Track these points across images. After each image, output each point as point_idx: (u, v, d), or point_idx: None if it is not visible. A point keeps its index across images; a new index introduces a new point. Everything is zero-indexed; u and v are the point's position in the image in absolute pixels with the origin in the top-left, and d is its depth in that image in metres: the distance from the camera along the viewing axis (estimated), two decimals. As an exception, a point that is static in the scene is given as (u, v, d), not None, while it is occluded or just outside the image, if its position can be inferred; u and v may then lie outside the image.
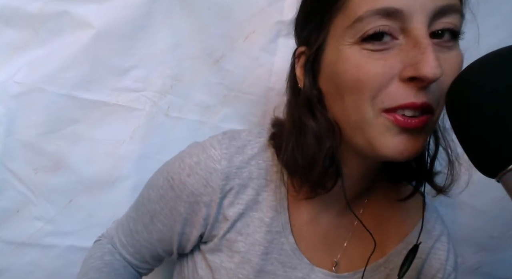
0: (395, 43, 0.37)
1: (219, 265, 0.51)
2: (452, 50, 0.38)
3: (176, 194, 0.50)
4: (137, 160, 0.69)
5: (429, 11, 0.36)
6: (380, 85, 0.37)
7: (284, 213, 0.50)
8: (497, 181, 0.32)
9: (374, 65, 0.37)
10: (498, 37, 0.65)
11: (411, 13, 0.36)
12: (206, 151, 0.50)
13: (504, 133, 0.30)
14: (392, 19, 0.36)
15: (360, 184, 0.50)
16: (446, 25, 0.37)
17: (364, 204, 0.54)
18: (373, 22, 0.36)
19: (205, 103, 0.71)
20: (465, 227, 0.71)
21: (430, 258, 0.54)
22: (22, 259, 0.68)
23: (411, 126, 0.37)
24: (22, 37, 0.63)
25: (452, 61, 0.37)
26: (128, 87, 0.67)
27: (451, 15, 0.37)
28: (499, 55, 0.32)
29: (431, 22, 0.36)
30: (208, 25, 0.67)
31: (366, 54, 0.38)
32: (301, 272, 0.51)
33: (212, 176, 0.48)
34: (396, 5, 0.35)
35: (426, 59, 0.35)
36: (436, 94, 0.37)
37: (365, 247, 0.52)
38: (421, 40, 0.35)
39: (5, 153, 0.64)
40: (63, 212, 0.68)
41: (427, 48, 0.35)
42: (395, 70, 0.37)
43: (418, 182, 0.50)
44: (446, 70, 0.36)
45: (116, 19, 0.64)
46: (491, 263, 0.72)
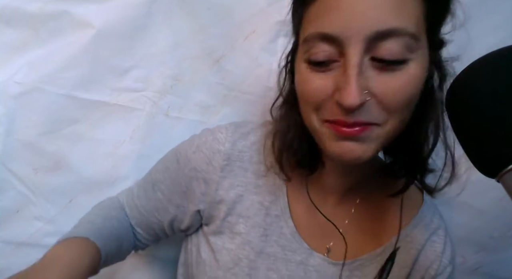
0: (336, 65, 0.40)
1: (221, 247, 0.53)
2: (396, 71, 0.38)
3: (180, 167, 0.54)
4: (137, 160, 0.69)
5: (364, 37, 0.37)
6: (319, 101, 0.41)
7: (283, 198, 0.53)
8: (497, 181, 0.32)
9: (315, 83, 0.41)
10: (498, 37, 0.65)
11: (346, 40, 0.37)
12: (213, 134, 0.54)
13: (503, 134, 0.30)
14: (331, 43, 0.38)
15: (350, 176, 0.52)
16: (384, 54, 0.37)
17: (359, 196, 0.55)
18: (315, 46, 0.39)
19: (205, 103, 0.71)
20: (465, 227, 0.71)
21: (425, 249, 0.55)
22: (22, 259, 0.68)
23: (349, 135, 0.40)
24: (22, 37, 0.63)
25: (393, 83, 0.38)
26: (128, 87, 0.67)
27: (391, 39, 0.37)
28: (499, 55, 0.32)
29: (369, 47, 0.37)
30: (208, 25, 0.67)
31: (311, 72, 0.41)
32: (300, 256, 0.53)
33: (215, 156, 0.52)
34: (332, 32, 0.38)
35: (347, 89, 0.37)
36: (373, 114, 0.39)
37: (361, 236, 0.54)
38: (348, 70, 0.38)
39: (5, 153, 0.64)
40: (63, 212, 0.68)
41: (350, 79, 0.37)
42: (330, 91, 0.40)
43: (409, 179, 0.51)
44: (384, 93, 0.38)
45: (116, 19, 0.64)
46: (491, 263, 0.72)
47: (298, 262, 0.53)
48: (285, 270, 0.52)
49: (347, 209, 0.55)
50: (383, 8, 0.36)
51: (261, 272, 0.52)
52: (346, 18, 0.37)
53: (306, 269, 0.53)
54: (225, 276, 0.52)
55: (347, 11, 0.37)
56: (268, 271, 0.52)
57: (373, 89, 0.38)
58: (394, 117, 0.40)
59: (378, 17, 0.36)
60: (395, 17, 0.36)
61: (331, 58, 0.39)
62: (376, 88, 0.38)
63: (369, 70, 0.38)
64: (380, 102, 0.39)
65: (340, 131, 0.40)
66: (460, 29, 0.45)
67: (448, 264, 0.55)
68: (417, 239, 0.54)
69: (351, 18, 0.37)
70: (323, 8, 0.39)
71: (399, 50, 0.37)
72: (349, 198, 0.54)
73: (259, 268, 0.52)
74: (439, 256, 0.55)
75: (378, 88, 0.38)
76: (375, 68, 0.38)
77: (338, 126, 0.40)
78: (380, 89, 0.38)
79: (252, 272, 0.52)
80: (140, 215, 0.58)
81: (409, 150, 0.48)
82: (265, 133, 0.54)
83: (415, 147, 0.47)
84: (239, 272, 0.52)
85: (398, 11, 0.36)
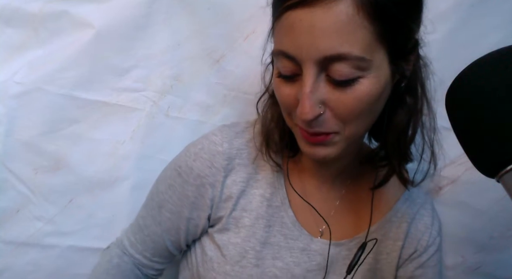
0: (299, 77, 0.43)
1: (227, 242, 0.54)
2: (347, 88, 0.42)
3: (184, 179, 0.54)
4: (137, 160, 0.69)
5: (314, 60, 0.40)
6: (289, 107, 0.46)
7: (282, 189, 0.56)
8: (497, 181, 0.32)
9: (284, 91, 0.45)
10: (498, 37, 0.65)
11: (300, 60, 0.41)
12: (208, 138, 0.56)
13: (503, 134, 0.30)
14: (290, 60, 0.42)
15: (333, 166, 0.56)
16: (335, 75, 0.41)
17: (349, 180, 0.59)
18: (280, 61, 0.44)
19: (205, 103, 0.71)
20: (465, 227, 0.71)
21: (415, 222, 0.59)
22: (22, 259, 0.68)
23: (312, 141, 0.46)
24: (22, 37, 0.63)
25: (344, 98, 0.42)
26: (128, 87, 0.67)
27: (340, 62, 0.40)
28: (499, 55, 0.32)
29: (324, 67, 0.41)
30: (208, 25, 0.67)
31: (280, 81, 0.46)
32: (302, 242, 0.55)
33: (215, 158, 0.54)
34: (289, 52, 0.42)
35: (301, 105, 0.42)
36: (330, 124, 0.44)
37: (356, 216, 0.58)
38: (303, 88, 0.42)
39: (5, 153, 0.64)
40: (63, 212, 0.68)
41: (303, 96, 0.42)
42: (295, 100, 0.44)
43: (389, 171, 0.54)
44: (338, 106, 0.43)
45: (116, 19, 0.64)
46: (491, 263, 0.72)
47: (301, 249, 0.55)
48: (289, 257, 0.55)
49: (339, 192, 0.59)
50: (328, 37, 0.39)
51: (267, 261, 0.54)
52: (298, 44, 0.41)
53: (309, 254, 0.55)
54: (233, 269, 0.53)
55: (299, 37, 0.40)
56: (274, 260, 0.54)
57: (328, 103, 0.43)
58: (349, 126, 0.45)
59: (323, 45, 0.39)
60: (340, 44, 0.39)
61: (295, 73, 0.43)
62: (330, 102, 0.43)
63: (325, 86, 0.42)
64: (335, 114, 0.43)
65: (306, 137, 0.46)
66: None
67: (437, 235, 0.59)
68: (407, 213, 0.59)
69: (303, 43, 0.40)
70: (282, 29, 0.42)
71: (348, 71, 0.40)
72: (340, 182, 0.58)
73: (265, 258, 0.54)
74: (428, 228, 0.59)
75: (332, 103, 0.43)
76: (330, 84, 0.42)
77: (305, 132, 0.46)
78: (333, 103, 0.43)
79: (259, 262, 0.54)
80: (153, 243, 0.58)
81: (389, 144, 0.52)
82: (258, 129, 0.56)
83: (394, 141, 0.51)
84: (247, 264, 0.53)
85: (343, 39, 0.39)
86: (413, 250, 0.58)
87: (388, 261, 0.58)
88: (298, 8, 0.40)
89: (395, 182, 0.56)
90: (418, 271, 0.58)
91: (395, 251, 0.58)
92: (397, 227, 0.58)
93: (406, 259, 0.58)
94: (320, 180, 0.58)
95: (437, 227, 0.60)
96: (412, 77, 0.48)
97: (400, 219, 0.58)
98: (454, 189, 0.70)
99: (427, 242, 0.58)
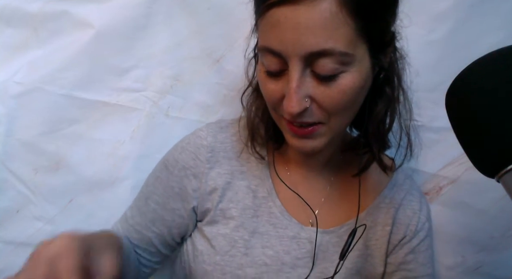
0: (285, 73, 0.45)
1: (216, 234, 0.55)
2: (331, 82, 0.43)
3: (169, 171, 0.57)
4: (137, 160, 0.69)
5: (300, 56, 0.42)
6: (274, 102, 0.47)
7: (268, 180, 0.58)
8: (497, 181, 0.32)
9: (269, 86, 0.46)
10: (498, 37, 0.65)
11: (286, 56, 0.42)
12: (195, 133, 0.59)
13: (503, 133, 0.30)
14: (276, 56, 0.43)
15: (318, 156, 0.58)
16: (320, 71, 0.42)
17: (336, 167, 0.60)
18: (266, 57, 0.45)
19: (205, 103, 0.71)
20: (465, 227, 0.71)
21: (403, 208, 0.60)
22: (22, 259, 0.67)
23: (300, 134, 0.47)
24: (22, 37, 0.63)
25: (329, 92, 0.44)
26: (128, 87, 0.67)
27: (325, 58, 0.41)
28: (499, 55, 0.32)
29: (309, 62, 0.42)
30: (208, 25, 0.67)
31: (266, 77, 0.47)
32: (292, 231, 0.56)
33: (200, 150, 0.56)
34: (275, 48, 0.43)
35: (287, 98, 0.44)
36: (317, 114, 0.46)
37: (345, 203, 0.59)
38: (289, 83, 0.43)
39: (5, 153, 0.64)
40: (63, 212, 0.68)
41: (290, 91, 0.43)
42: (281, 95, 0.46)
43: (369, 158, 0.56)
44: (323, 99, 0.44)
45: (116, 19, 0.64)
46: (491, 263, 0.72)
47: (291, 237, 0.56)
48: (279, 246, 0.55)
49: (327, 180, 0.60)
50: (313, 34, 0.40)
51: (256, 250, 0.55)
52: (284, 38, 0.41)
53: (299, 242, 0.56)
54: (223, 259, 0.54)
55: (285, 33, 0.41)
56: (264, 249, 0.55)
57: (314, 96, 0.44)
58: (334, 117, 0.47)
59: (309, 41, 0.41)
60: (325, 40, 0.41)
61: (281, 68, 0.44)
62: (315, 95, 0.44)
63: (310, 80, 0.44)
64: (320, 107, 0.45)
65: (294, 131, 0.47)
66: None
67: (425, 221, 0.61)
68: (394, 199, 0.60)
69: (288, 39, 0.41)
70: (267, 25, 0.43)
71: (332, 66, 0.42)
72: (327, 171, 0.60)
73: (254, 247, 0.55)
74: (416, 213, 0.60)
75: (317, 96, 0.44)
76: (315, 79, 0.44)
77: (292, 126, 0.47)
78: (319, 97, 0.44)
79: (248, 251, 0.54)
80: (137, 233, 0.58)
81: (369, 132, 0.54)
82: (242, 124, 0.58)
83: (373, 128, 0.53)
84: (236, 253, 0.54)
85: (326, 35, 0.40)
86: (402, 236, 0.59)
87: (378, 247, 0.59)
88: (282, 6, 0.41)
89: (381, 170, 0.58)
90: (409, 257, 0.59)
91: (384, 236, 0.59)
92: (385, 213, 0.59)
93: (396, 245, 0.59)
94: (307, 170, 0.59)
95: (426, 212, 0.61)
96: (389, 68, 0.51)
97: (388, 205, 0.60)
98: (454, 189, 0.70)
99: (416, 227, 0.59)
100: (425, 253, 0.60)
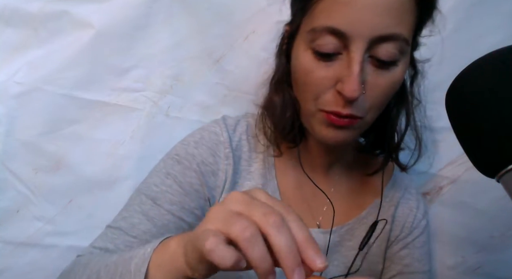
0: (339, 57, 0.43)
1: None
2: (388, 71, 0.43)
3: (185, 166, 0.52)
4: (137, 160, 0.69)
5: (367, 38, 0.41)
6: (320, 91, 0.45)
7: (273, 180, 0.57)
8: (497, 181, 0.32)
9: (318, 73, 0.44)
10: (498, 37, 0.65)
11: (351, 37, 0.41)
12: (207, 129, 0.56)
13: (503, 134, 0.30)
14: (338, 37, 0.42)
15: (332, 153, 0.57)
16: (382, 55, 0.42)
17: (342, 169, 0.60)
18: (322, 37, 0.43)
19: (205, 103, 0.71)
20: (465, 227, 0.71)
21: (401, 206, 0.61)
22: (22, 259, 0.68)
23: (338, 124, 0.46)
24: (22, 37, 0.63)
25: (382, 82, 0.44)
26: (128, 87, 0.67)
27: (389, 43, 0.41)
28: (499, 55, 0.32)
29: (371, 47, 0.42)
30: (208, 25, 0.67)
31: (314, 61, 0.44)
32: None
33: (218, 147, 0.54)
34: (340, 27, 0.41)
35: (349, 81, 0.42)
36: (363, 106, 0.45)
37: (347, 203, 0.59)
38: (352, 64, 0.42)
39: (5, 153, 0.64)
40: (63, 212, 0.68)
41: (354, 73, 0.41)
42: (332, 81, 0.44)
43: (386, 158, 0.56)
44: (374, 88, 0.44)
45: (116, 19, 0.64)
46: (491, 263, 0.72)
47: None
48: None
49: (332, 180, 0.60)
50: (387, 15, 0.40)
51: None
52: (355, 18, 0.40)
53: None
54: None
55: (357, 13, 0.40)
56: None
57: (367, 84, 0.43)
58: (373, 111, 0.46)
59: (382, 23, 0.40)
60: (396, 24, 0.40)
61: (336, 51, 0.43)
62: (369, 83, 0.43)
63: (367, 67, 0.43)
64: (369, 96, 0.44)
65: (333, 121, 0.45)
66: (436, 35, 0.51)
67: (422, 218, 0.61)
68: (394, 197, 0.61)
69: (360, 19, 0.40)
70: (335, 3, 0.41)
71: (394, 52, 0.42)
72: (333, 170, 0.60)
73: None
74: (413, 210, 0.61)
75: (370, 85, 0.43)
76: (372, 65, 0.43)
77: (332, 116, 0.45)
78: (371, 85, 0.43)
79: None
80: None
81: (386, 134, 0.54)
82: (249, 122, 0.58)
83: (391, 131, 0.54)
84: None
85: (399, 19, 0.40)
86: (398, 232, 0.60)
87: (378, 245, 0.59)
88: None
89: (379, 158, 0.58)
90: (403, 252, 0.60)
91: (384, 234, 0.59)
92: (386, 211, 0.60)
93: (392, 241, 0.61)
94: (315, 169, 0.58)
95: (422, 210, 0.62)
96: (417, 70, 0.52)
97: (388, 203, 0.60)
98: (454, 189, 0.70)
99: (412, 224, 0.60)
100: (421, 250, 0.61)
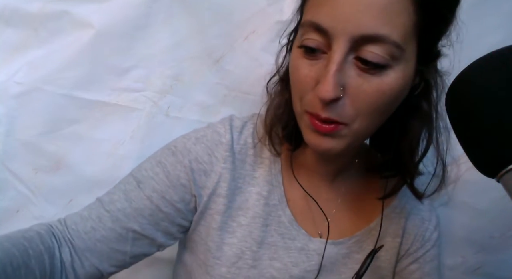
0: (323, 56, 0.41)
1: (221, 242, 0.52)
2: (375, 77, 0.40)
3: (178, 159, 0.51)
4: (137, 160, 0.69)
5: (348, 36, 0.38)
6: (303, 90, 0.43)
7: (279, 187, 0.54)
8: (497, 181, 0.32)
9: (302, 71, 0.43)
10: (498, 37, 0.65)
11: (333, 35, 0.39)
12: (212, 128, 0.54)
13: (503, 133, 0.30)
14: (322, 34, 0.40)
15: (334, 163, 0.55)
16: (367, 56, 0.39)
17: (348, 180, 0.58)
18: (308, 33, 0.41)
19: (205, 103, 0.71)
20: (465, 227, 0.71)
21: (412, 217, 0.58)
22: (22, 259, 0.68)
23: (320, 130, 0.43)
24: (22, 37, 0.63)
25: (367, 87, 0.40)
26: (128, 87, 0.67)
27: (376, 45, 0.38)
28: (499, 55, 0.32)
29: (355, 47, 0.39)
30: (208, 25, 0.67)
31: (301, 58, 0.43)
32: (300, 242, 0.54)
33: (218, 147, 0.52)
34: (323, 24, 0.39)
35: (324, 81, 0.39)
36: (345, 111, 0.41)
37: (354, 215, 0.57)
38: (329, 65, 0.39)
39: (5, 153, 0.64)
40: (63, 212, 0.68)
41: (328, 73, 0.39)
42: (314, 81, 0.42)
43: (399, 182, 0.53)
44: (358, 93, 0.40)
45: (116, 19, 0.64)
46: (491, 263, 0.72)
47: (299, 248, 0.54)
48: (287, 258, 0.53)
49: (339, 190, 0.57)
50: (372, 14, 0.37)
51: (264, 262, 0.52)
52: (337, 16, 0.38)
53: (308, 254, 0.54)
54: (229, 272, 0.51)
55: (339, 9, 0.38)
56: (271, 261, 0.53)
57: (348, 89, 0.40)
58: (361, 119, 0.42)
59: (365, 21, 0.37)
60: (381, 24, 0.37)
61: (321, 48, 0.41)
62: (351, 88, 0.40)
63: (350, 69, 0.40)
64: (352, 103, 0.41)
65: (315, 126, 0.43)
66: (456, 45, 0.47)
67: (434, 230, 0.58)
68: (405, 209, 0.58)
69: (342, 17, 0.38)
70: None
71: (381, 56, 0.39)
72: (338, 182, 0.57)
73: (262, 258, 0.52)
74: (425, 223, 0.58)
75: (352, 89, 0.40)
76: (357, 68, 0.40)
77: (314, 120, 0.43)
78: (354, 90, 0.40)
79: (256, 263, 0.52)
80: (113, 222, 0.49)
81: (402, 154, 0.50)
82: (255, 125, 0.56)
83: (407, 152, 0.50)
84: (243, 265, 0.52)
85: (385, 19, 0.37)
86: (409, 246, 0.58)
87: (387, 258, 0.57)
88: None
89: (392, 179, 0.55)
90: (413, 266, 0.58)
91: (394, 247, 0.57)
92: (396, 223, 0.57)
93: (403, 255, 0.58)
94: (319, 178, 0.56)
95: (435, 222, 0.59)
96: (429, 84, 0.47)
97: (398, 215, 0.58)
98: (454, 189, 0.70)
99: (423, 237, 0.58)
100: (431, 263, 0.58)
